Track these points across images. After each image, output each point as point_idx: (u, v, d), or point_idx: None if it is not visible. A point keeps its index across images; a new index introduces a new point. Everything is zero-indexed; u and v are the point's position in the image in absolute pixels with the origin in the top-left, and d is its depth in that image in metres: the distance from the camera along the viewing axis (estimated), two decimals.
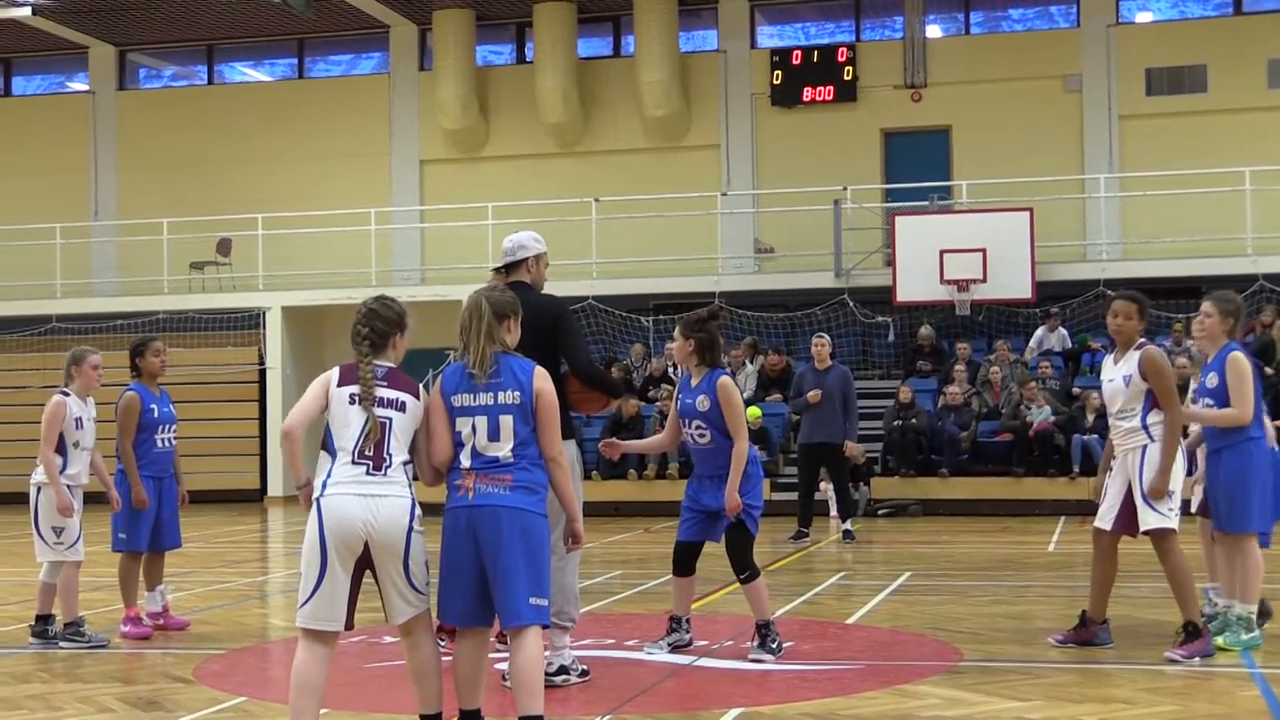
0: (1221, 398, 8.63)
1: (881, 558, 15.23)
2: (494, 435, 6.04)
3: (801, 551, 15.48)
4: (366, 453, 5.91)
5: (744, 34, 27.17)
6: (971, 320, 23.55)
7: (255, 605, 12.10)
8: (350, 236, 26.56)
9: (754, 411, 21.62)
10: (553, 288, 8.42)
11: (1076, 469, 20.02)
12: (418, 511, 5.93)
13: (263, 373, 26.14)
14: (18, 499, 20.55)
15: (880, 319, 23.91)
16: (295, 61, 29.55)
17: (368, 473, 5.89)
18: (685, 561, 8.68)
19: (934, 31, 26.83)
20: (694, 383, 8.54)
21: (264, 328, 26.00)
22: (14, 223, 27.93)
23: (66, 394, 9.58)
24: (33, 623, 9.65)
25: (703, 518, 8.52)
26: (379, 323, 6.09)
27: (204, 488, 23.84)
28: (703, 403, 8.42)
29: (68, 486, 9.49)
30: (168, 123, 29.28)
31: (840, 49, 26.53)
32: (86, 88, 30.08)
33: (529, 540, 5.98)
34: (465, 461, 6.05)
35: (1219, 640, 8.43)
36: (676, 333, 8.65)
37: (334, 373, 6.08)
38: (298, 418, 5.99)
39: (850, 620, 10.23)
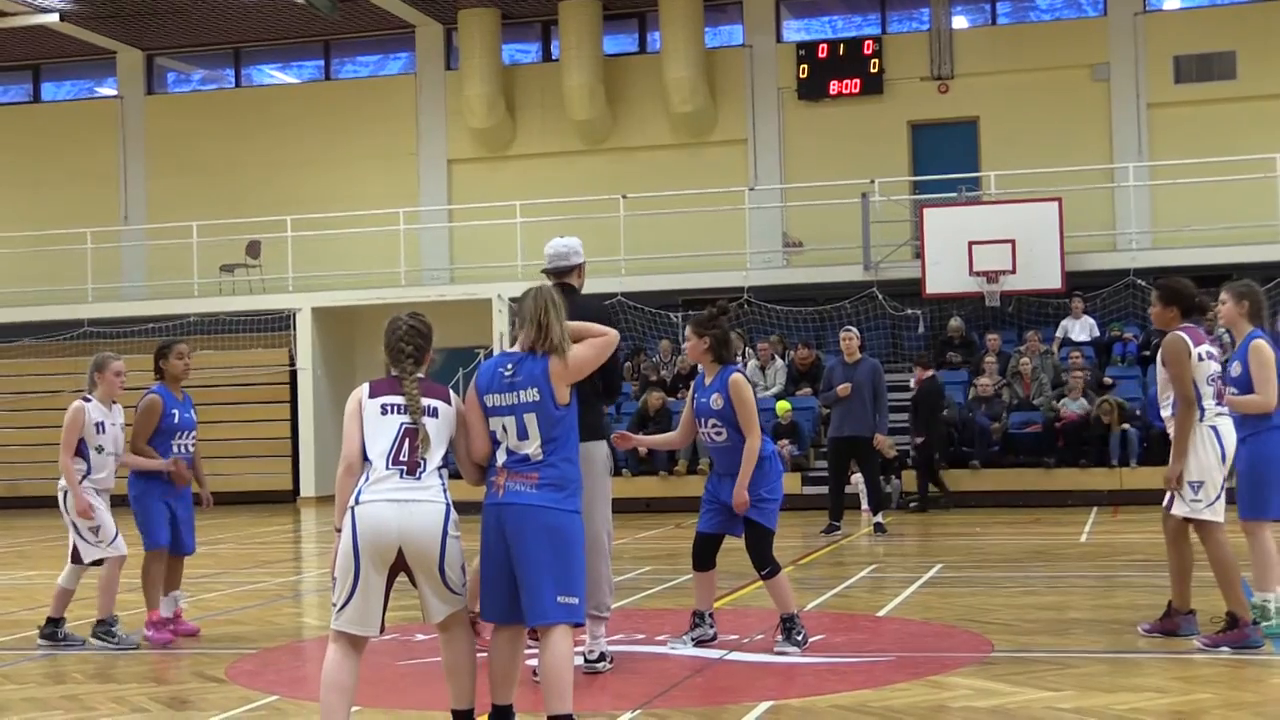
0: (1245, 385, 8.60)
1: (913, 550, 15.20)
2: (523, 434, 6.07)
3: (833, 545, 15.45)
4: (401, 458, 5.95)
5: (770, 28, 27.12)
6: (1001, 311, 23.44)
7: (288, 605, 12.15)
8: (379, 237, 26.64)
9: (783, 405, 21.63)
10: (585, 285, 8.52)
11: (1115, 460, 19.93)
12: (453, 516, 5.95)
13: (294, 374, 26.24)
14: (51, 502, 20.71)
15: (910, 311, 23.83)
16: (322, 63, 29.64)
17: (401, 478, 5.92)
18: (705, 555, 8.69)
19: (960, 22, 26.73)
20: (707, 381, 8.56)
21: (294, 329, 26.10)
22: (45, 228, 28.10)
23: (88, 399, 9.61)
24: (42, 624, 9.69)
25: (722, 511, 8.53)
26: (420, 339, 6.17)
27: (237, 489, 24.02)
28: (716, 401, 8.43)
29: (94, 491, 9.52)
30: (196, 126, 29.41)
31: (866, 41, 26.47)
32: (115, 93, 30.23)
33: (556, 537, 5.98)
34: (500, 459, 6.09)
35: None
36: (688, 331, 8.66)
37: (364, 388, 6.13)
38: (353, 450, 6.00)
39: (881, 613, 10.21)
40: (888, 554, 14.69)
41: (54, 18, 26.92)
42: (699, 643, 8.75)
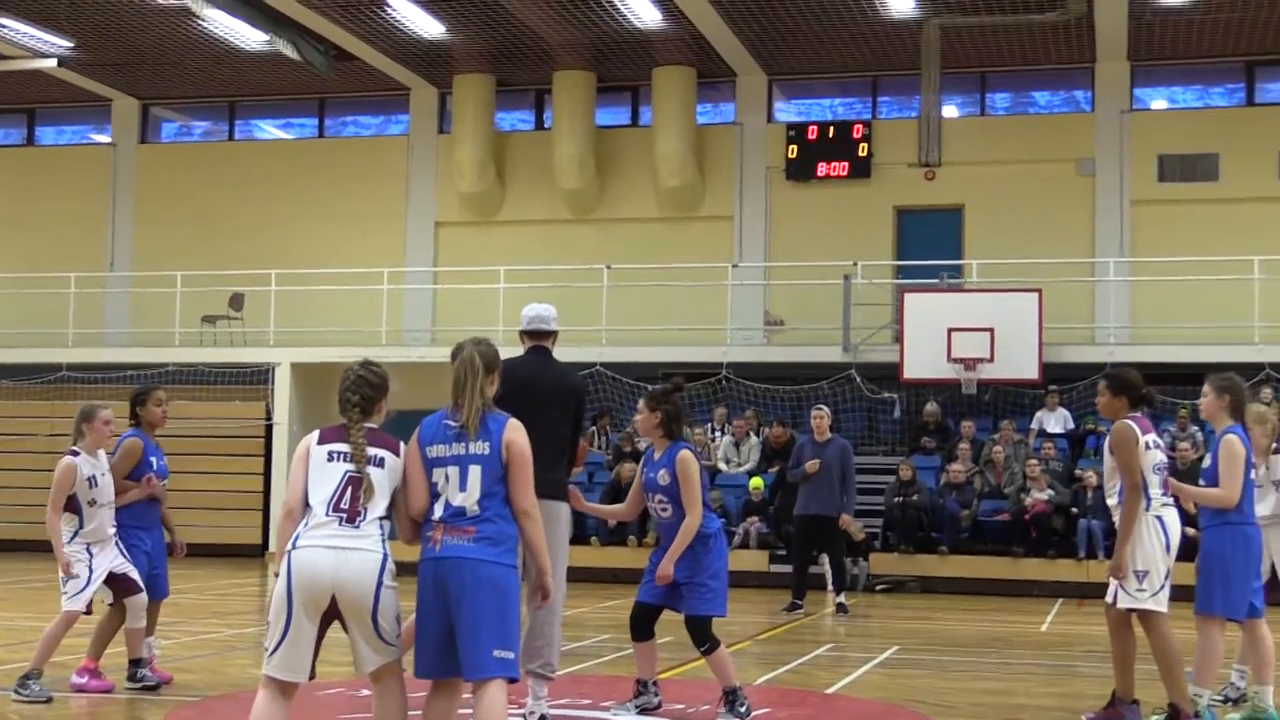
0: (1214, 479, 8.66)
1: (873, 631, 15.18)
2: (463, 486, 6.09)
3: (794, 623, 15.42)
4: (341, 506, 5.98)
5: (761, 108, 27.37)
6: (978, 399, 23.53)
7: (239, 656, 12.09)
8: (362, 295, 26.69)
9: (756, 482, 21.66)
10: (561, 353, 8.69)
11: (1082, 553, 19.97)
12: (389, 566, 5.97)
13: (269, 428, 26.20)
14: (24, 546, 20.58)
15: (887, 395, 23.91)
16: (316, 120, 29.84)
17: (340, 525, 5.95)
18: (643, 625, 8.70)
19: (949, 111, 26.99)
20: (656, 456, 8.62)
21: (273, 383, 26.08)
22: (30, 270, 28.14)
23: (76, 454, 9.45)
24: (127, 667, 9.62)
25: (665, 584, 8.54)
26: (368, 389, 6.23)
27: (205, 540, 23.86)
28: (664, 477, 8.49)
29: (86, 545, 9.41)
30: (187, 177, 29.53)
31: (856, 125, 26.71)
32: (109, 140, 30.38)
33: (494, 592, 5.99)
34: (437, 513, 6.10)
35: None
36: (641, 404, 8.73)
37: (313, 435, 6.19)
38: (295, 496, 6.07)
39: (830, 689, 10.20)
40: (847, 634, 14.68)
41: (52, 63, 27.09)
42: (642, 710, 8.74)
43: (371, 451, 6.08)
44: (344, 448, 6.08)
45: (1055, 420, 23.00)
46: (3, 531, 25.76)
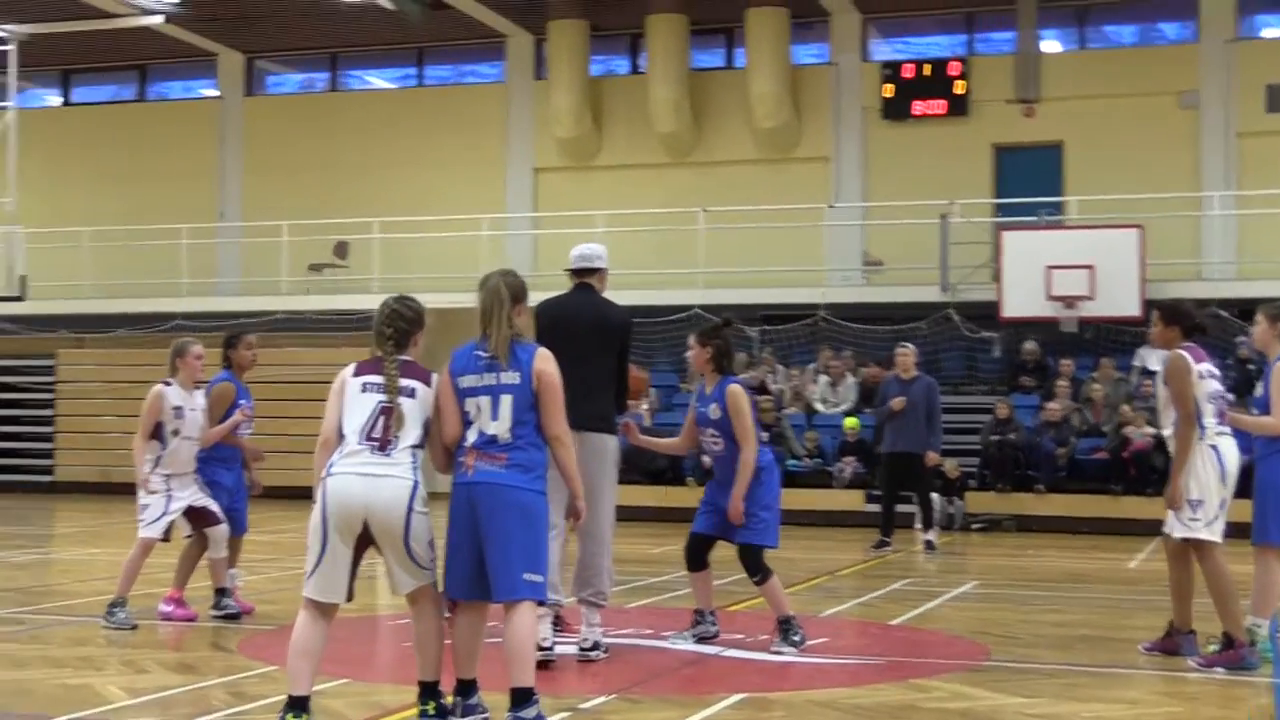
0: (1266, 407, 8.58)
1: (956, 568, 15.19)
2: (495, 414, 6.26)
3: (878, 559, 15.47)
4: (374, 435, 6.18)
5: (855, 47, 27.14)
6: (1078, 337, 23.26)
7: None
8: (463, 242, 26.99)
9: (851, 422, 21.65)
10: (660, 295, 8.90)
11: None
12: (420, 492, 6.16)
13: None
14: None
15: (985, 334, 23.72)
16: (415, 69, 30.15)
17: (372, 453, 6.15)
18: (697, 555, 8.85)
19: (1048, 46, 26.57)
20: (708, 390, 8.73)
21: None
22: (144, 223, 28.77)
23: (168, 384, 9.82)
24: (212, 596, 9.96)
25: (718, 514, 8.67)
26: (401, 323, 6.42)
27: (307, 484, 24.42)
28: (714, 411, 8.60)
29: (166, 475, 9.73)
30: (292, 128, 30.00)
31: (952, 62, 26.40)
32: (216, 93, 30.95)
33: (524, 517, 6.17)
34: (470, 440, 6.29)
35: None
36: (691, 340, 8.85)
37: (349, 368, 6.39)
38: (330, 426, 6.32)
39: (895, 621, 10.27)
40: (929, 570, 14.69)
41: (160, 19, 27.63)
42: (700, 639, 8.89)
43: (403, 383, 6.27)
44: (377, 379, 6.28)
45: (1157, 358, 22.56)
46: (120, 475, 26.48)
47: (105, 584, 11.64)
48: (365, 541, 6.19)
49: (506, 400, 6.27)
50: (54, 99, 32.45)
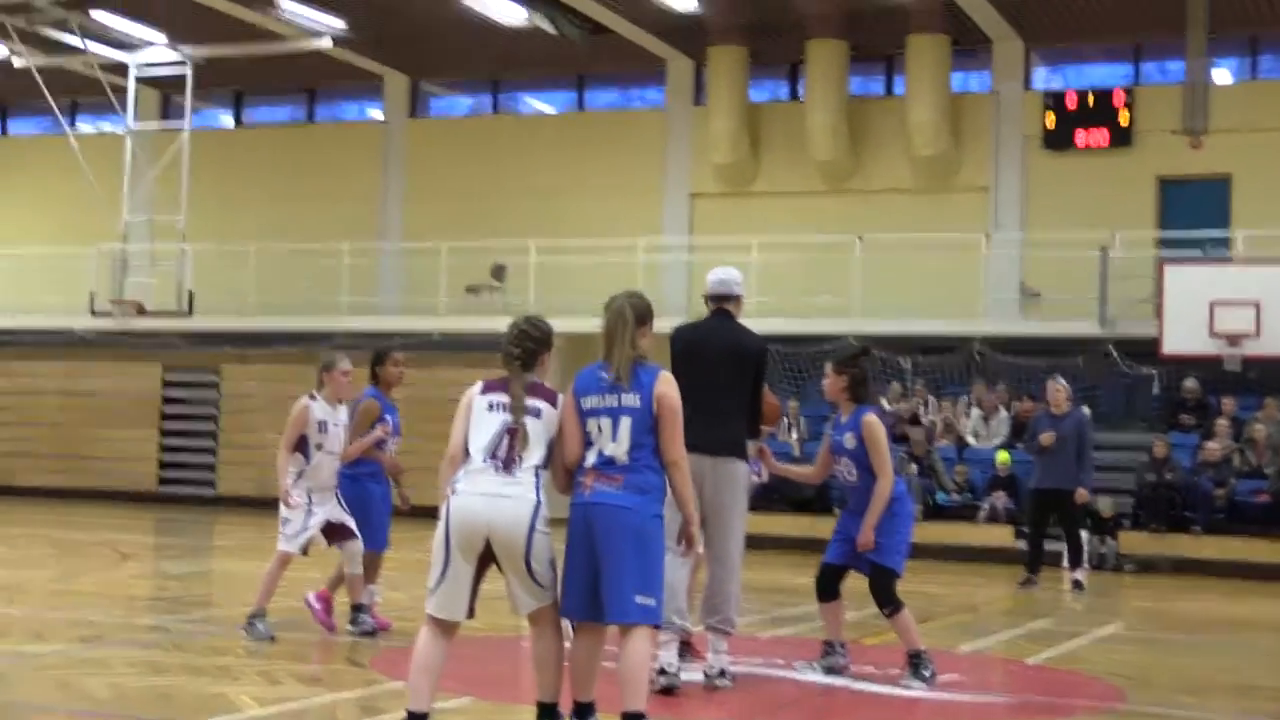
0: None
1: (1102, 608, 14.83)
2: (614, 436, 6.31)
3: (1024, 596, 15.19)
4: (498, 454, 6.24)
5: (1018, 75, 26.78)
6: (1241, 376, 22.61)
7: None
8: (619, 266, 27.11)
9: (1003, 456, 21.33)
10: (813, 324, 8.91)
11: None
12: (543, 512, 6.20)
13: None
14: None
15: (1144, 370, 23.20)
16: (575, 94, 30.46)
17: (496, 472, 6.21)
18: (828, 585, 8.78)
19: (1218, 75, 25.96)
20: (843, 419, 8.67)
21: None
22: (306, 241, 29.38)
23: (313, 398, 10.01)
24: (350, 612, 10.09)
25: (850, 545, 8.60)
26: (529, 343, 6.50)
27: None
28: (849, 440, 8.54)
29: (307, 489, 9.92)
30: (453, 150, 30.45)
31: (1117, 92, 25.92)
32: (381, 116, 31.57)
33: (638, 539, 6.19)
34: (590, 460, 6.34)
35: None
36: (828, 368, 8.80)
37: (477, 386, 6.46)
38: (456, 444, 6.36)
39: (1031, 660, 10.08)
40: (1073, 610, 14.38)
41: (327, 42, 28.29)
42: (829, 670, 8.81)
43: (529, 403, 6.33)
44: (504, 398, 6.35)
45: None
46: (274, 490, 27.06)
47: (251, 595, 11.90)
48: (487, 560, 6.25)
49: (626, 422, 6.31)
50: (227, 120, 33.41)
